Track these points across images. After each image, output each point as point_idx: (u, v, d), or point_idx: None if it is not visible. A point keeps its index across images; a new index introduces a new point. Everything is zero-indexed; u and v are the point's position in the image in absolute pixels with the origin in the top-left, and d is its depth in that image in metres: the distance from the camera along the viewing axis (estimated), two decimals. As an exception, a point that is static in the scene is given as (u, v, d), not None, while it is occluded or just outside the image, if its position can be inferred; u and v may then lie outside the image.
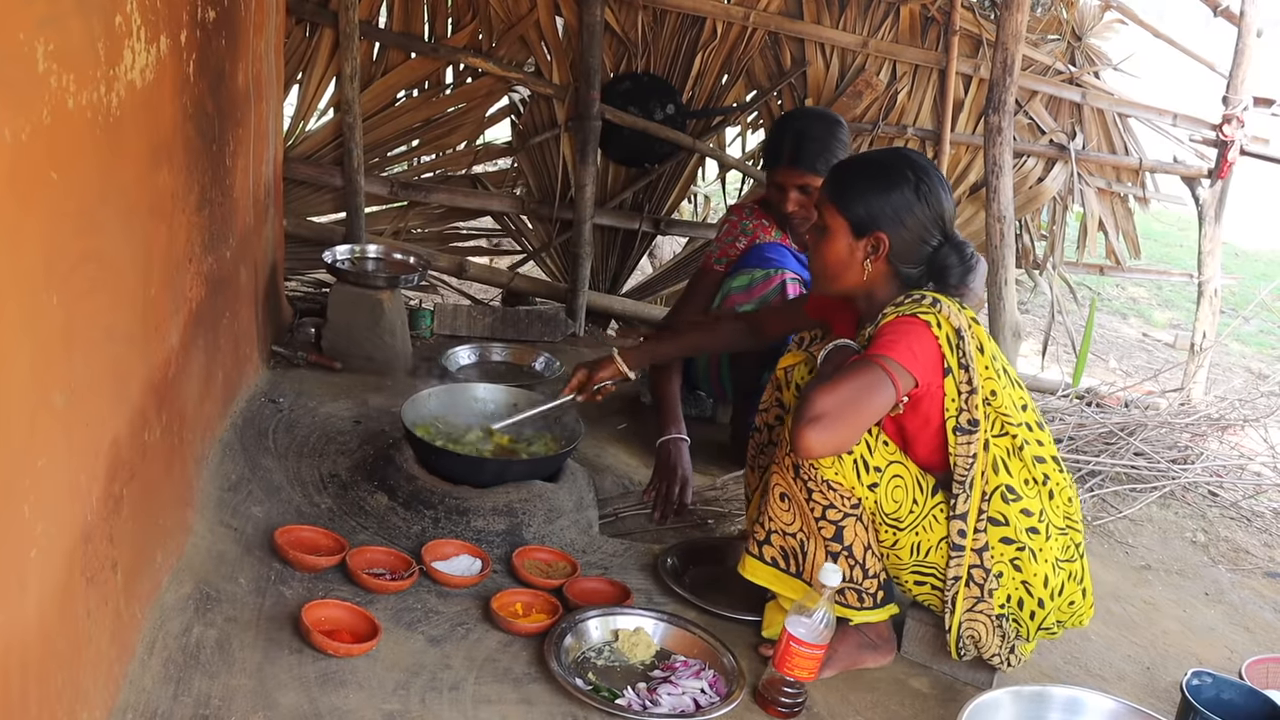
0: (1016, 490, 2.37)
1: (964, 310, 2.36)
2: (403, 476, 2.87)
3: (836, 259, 2.45)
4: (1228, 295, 6.47)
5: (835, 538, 2.39)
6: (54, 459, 1.61)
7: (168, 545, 2.36)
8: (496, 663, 2.35)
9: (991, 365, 2.35)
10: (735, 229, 3.58)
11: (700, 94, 4.82)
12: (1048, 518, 2.40)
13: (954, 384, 2.32)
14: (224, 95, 2.77)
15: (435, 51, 4.53)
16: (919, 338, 2.28)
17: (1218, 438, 4.65)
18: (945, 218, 2.42)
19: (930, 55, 4.85)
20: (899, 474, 2.37)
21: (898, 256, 2.40)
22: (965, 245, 2.43)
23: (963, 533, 2.36)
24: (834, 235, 2.43)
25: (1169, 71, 6.12)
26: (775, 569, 2.48)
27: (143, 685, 2.06)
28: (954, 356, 2.31)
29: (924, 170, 2.42)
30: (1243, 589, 3.48)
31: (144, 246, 2.09)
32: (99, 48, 1.74)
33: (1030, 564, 2.38)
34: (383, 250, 4.07)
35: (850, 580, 2.43)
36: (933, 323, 2.30)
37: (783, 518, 2.44)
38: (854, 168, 2.51)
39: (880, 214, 2.39)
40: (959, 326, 2.30)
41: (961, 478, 2.35)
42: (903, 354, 2.26)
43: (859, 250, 2.41)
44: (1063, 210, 5.30)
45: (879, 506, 2.37)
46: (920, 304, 2.33)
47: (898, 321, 2.31)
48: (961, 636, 2.43)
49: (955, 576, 2.39)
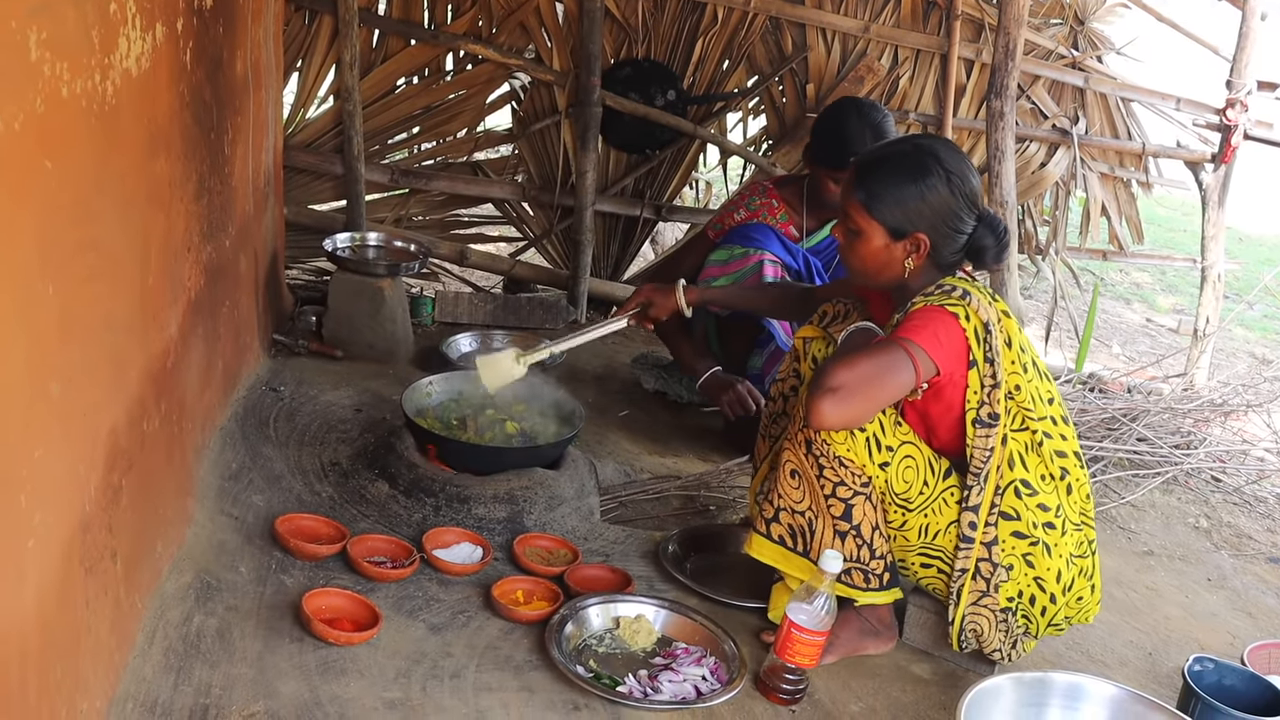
0: (1033, 485, 2.36)
1: (996, 302, 2.35)
2: (403, 464, 2.87)
3: (875, 260, 2.41)
4: (1231, 280, 6.44)
5: (844, 516, 2.38)
6: (51, 449, 1.61)
7: (168, 534, 2.36)
8: (497, 650, 2.35)
9: (1019, 359, 2.34)
10: (740, 201, 3.59)
11: (701, 80, 4.81)
12: (1065, 513, 2.39)
13: (978, 376, 2.31)
14: (222, 83, 2.76)
15: (435, 38, 4.51)
16: (946, 327, 2.28)
17: (1221, 423, 4.64)
18: (976, 199, 2.40)
19: (932, 40, 4.83)
20: (911, 454, 2.36)
21: (938, 251, 2.39)
22: (997, 222, 2.43)
23: (974, 525, 2.36)
24: (869, 238, 2.39)
25: (1172, 56, 6.09)
26: (782, 547, 2.47)
27: (143, 674, 2.06)
28: (980, 349, 2.29)
29: (949, 158, 2.38)
30: (1245, 574, 3.48)
31: (141, 235, 2.09)
32: (93, 36, 1.73)
33: (1044, 559, 2.37)
34: (383, 238, 4.06)
35: (857, 560, 2.42)
36: (961, 315, 2.29)
37: (792, 495, 2.43)
38: (880, 169, 2.40)
39: (918, 216, 2.35)
40: (988, 320, 2.29)
41: (978, 470, 2.34)
42: (928, 340, 2.25)
43: (898, 250, 2.38)
44: (1065, 195, 5.28)
45: (889, 486, 2.36)
46: (950, 295, 2.32)
47: (926, 309, 2.31)
48: (964, 629, 2.43)
49: (962, 569, 2.39)
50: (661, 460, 3.51)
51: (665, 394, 3.91)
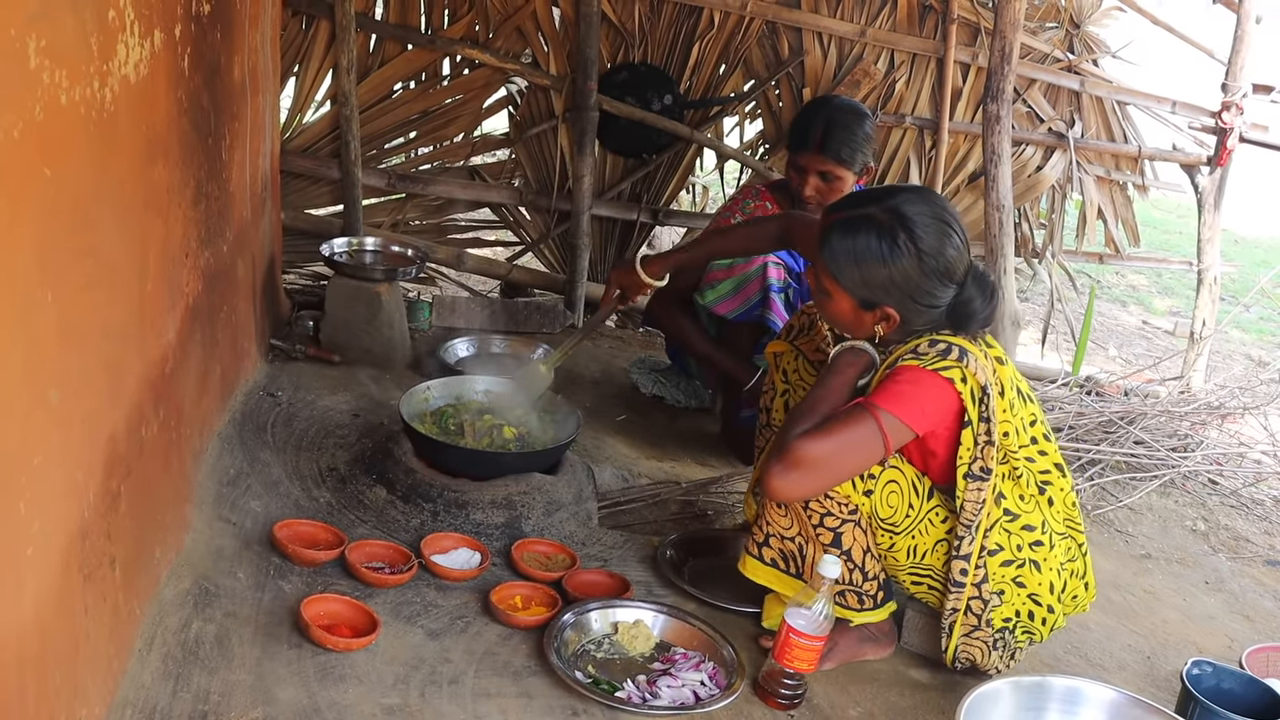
0: (1014, 511, 2.36)
1: (991, 349, 2.31)
2: (401, 470, 2.87)
3: (844, 321, 2.36)
4: (1227, 282, 6.45)
5: (834, 543, 2.38)
6: (50, 456, 1.61)
7: (166, 541, 2.36)
8: (496, 656, 2.35)
9: (1010, 410, 2.30)
10: (735, 206, 3.60)
11: (697, 84, 4.81)
12: (1050, 526, 2.40)
13: (972, 435, 2.28)
14: (220, 89, 2.75)
15: (432, 43, 4.51)
16: (935, 394, 2.23)
17: (1218, 426, 4.64)
18: (952, 271, 2.27)
19: (928, 44, 4.83)
20: (894, 479, 2.35)
21: (909, 322, 2.32)
22: (984, 278, 2.33)
23: (964, 571, 2.36)
24: (837, 301, 2.33)
25: (1168, 59, 6.11)
26: (775, 569, 2.49)
27: (141, 681, 2.06)
28: (975, 409, 2.26)
29: (923, 230, 2.23)
30: (1243, 577, 3.48)
31: (139, 242, 2.09)
32: (92, 43, 1.73)
33: (1034, 576, 2.38)
34: (380, 242, 4.06)
35: (850, 583, 2.43)
36: (956, 378, 2.23)
37: (780, 523, 2.44)
38: (849, 238, 2.26)
39: (884, 292, 2.26)
40: (985, 384, 2.24)
41: (969, 522, 2.33)
42: (907, 409, 2.21)
43: (867, 318, 2.32)
44: (1062, 198, 5.29)
45: (875, 512, 2.36)
46: (946, 358, 2.24)
47: (915, 372, 2.24)
48: (957, 657, 2.45)
49: (954, 609, 2.39)
50: (659, 465, 3.51)
51: (663, 398, 3.91)
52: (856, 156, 3.37)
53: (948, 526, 2.38)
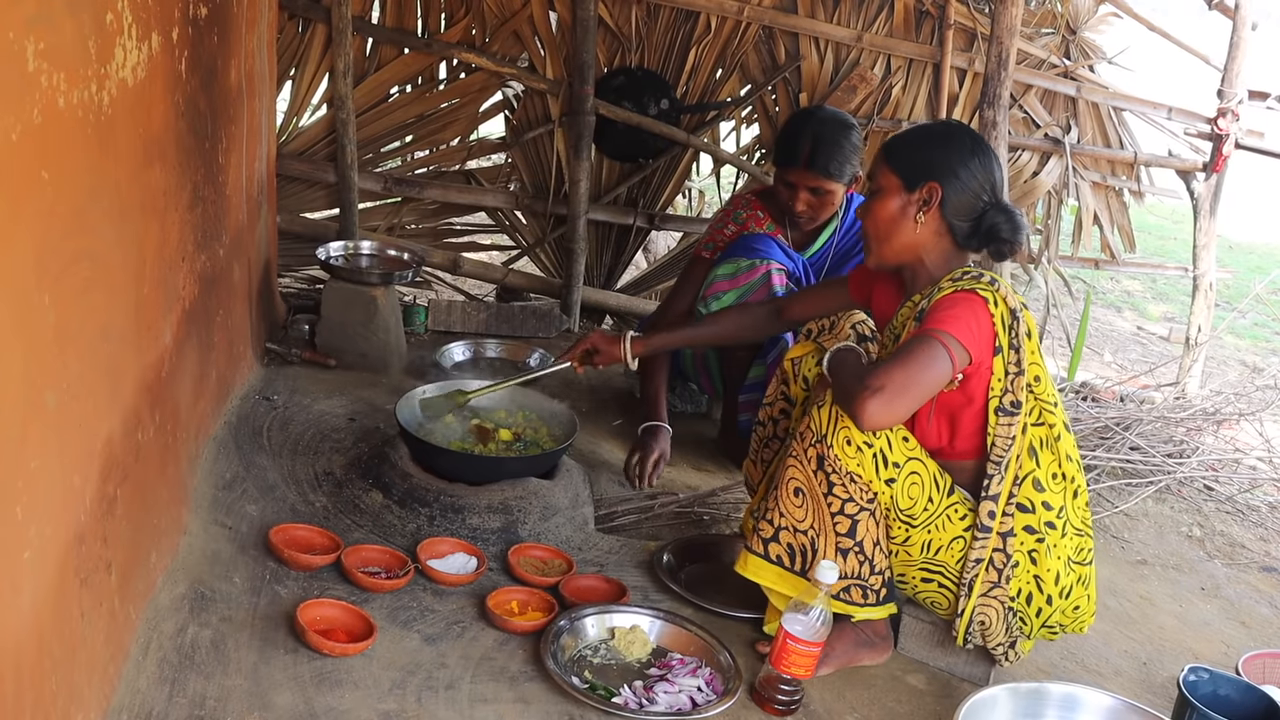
0: (1043, 483, 2.38)
1: (1016, 294, 2.37)
2: (397, 474, 2.86)
3: (888, 216, 2.45)
4: (1222, 289, 6.47)
5: (849, 533, 2.38)
6: (47, 460, 1.60)
7: (162, 545, 2.35)
8: (492, 661, 2.34)
9: (1038, 351, 2.36)
10: (727, 217, 3.58)
11: (694, 89, 4.81)
12: (1067, 515, 2.40)
13: (1003, 363, 2.32)
14: (216, 92, 2.75)
15: (428, 47, 4.51)
16: (976, 314, 2.29)
17: (1213, 432, 4.64)
18: (996, 183, 2.44)
19: (925, 49, 4.84)
20: (917, 470, 2.36)
21: (950, 209, 2.41)
22: (1014, 210, 2.44)
23: (992, 514, 2.36)
24: (885, 194, 2.45)
25: (1164, 65, 6.12)
26: (779, 567, 2.47)
27: (138, 686, 2.05)
28: (1006, 336, 2.31)
29: (979, 137, 2.50)
30: (1239, 584, 3.49)
31: (136, 245, 2.08)
32: (90, 46, 1.72)
33: (1045, 557, 2.38)
34: (376, 246, 4.05)
35: (857, 576, 2.42)
36: (990, 300, 2.30)
37: (795, 514, 2.43)
38: (911, 131, 2.63)
39: (933, 163, 2.41)
40: (1014, 308, 2.31)
41: (999, 458, 2.34)
42: (961, 330, 2.26)
43: (911, 204, 2.42)
44: (1058, 204, 5.29)
45: (894, 502, 2.36)
46: (979, 281, 2.33)
47: (956, 295, 2.32)
48: (972, 621, 2.43)
49: (978, 559, 2.38)
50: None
51: (659, 403, 3.90)
52: (845, 169, 3.35)
53: (966, 524, 2.38)
